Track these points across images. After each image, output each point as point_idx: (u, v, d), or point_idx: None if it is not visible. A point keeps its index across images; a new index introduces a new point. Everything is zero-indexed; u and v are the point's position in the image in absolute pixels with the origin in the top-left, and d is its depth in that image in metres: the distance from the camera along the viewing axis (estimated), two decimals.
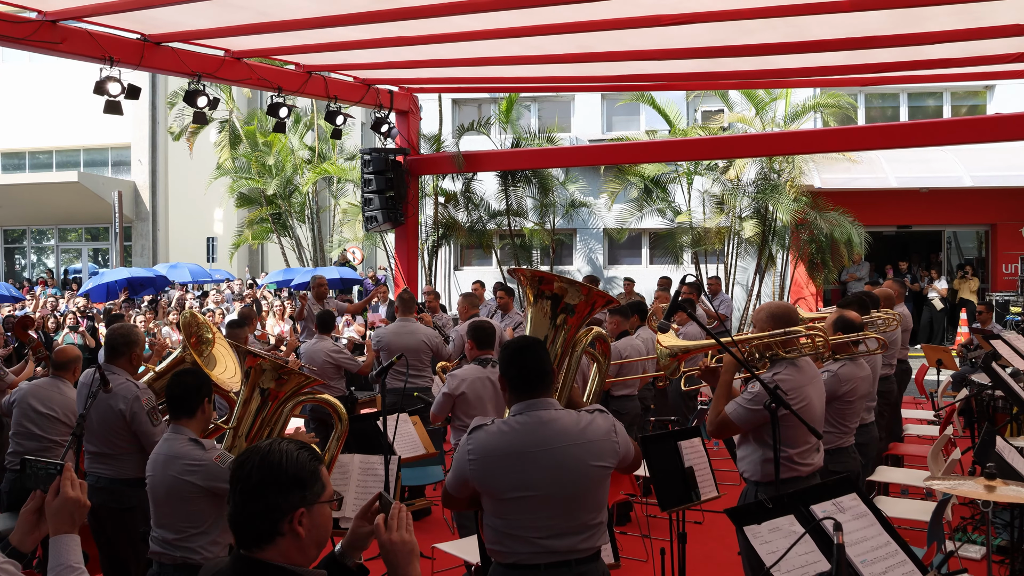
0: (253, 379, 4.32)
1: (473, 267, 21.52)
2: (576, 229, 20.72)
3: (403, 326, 8.33)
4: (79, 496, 2.32)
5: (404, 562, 2.28)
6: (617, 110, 20.62)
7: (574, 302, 3.76)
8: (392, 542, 2.28)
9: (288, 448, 2.17)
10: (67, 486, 2.32)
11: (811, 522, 2.86)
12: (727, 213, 17.72)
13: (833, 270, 17.37)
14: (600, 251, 20.82)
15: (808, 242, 17.34)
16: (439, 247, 19.04)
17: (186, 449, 3.95)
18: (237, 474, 2.15)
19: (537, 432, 3.22)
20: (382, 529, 2.30)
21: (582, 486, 3.23)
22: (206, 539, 3.94)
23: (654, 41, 9.64)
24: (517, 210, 19.15)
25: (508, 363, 3.33)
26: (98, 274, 21.74)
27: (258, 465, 2.14)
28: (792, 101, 17.02)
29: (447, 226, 18.88)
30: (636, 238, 20.59)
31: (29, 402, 5.97)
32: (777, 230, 17.57)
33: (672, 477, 4.96)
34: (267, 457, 2.15)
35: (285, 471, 2.14)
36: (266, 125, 21.11)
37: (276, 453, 2.16)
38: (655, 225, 19.30)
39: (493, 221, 19.25)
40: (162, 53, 10.44)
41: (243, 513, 2.13)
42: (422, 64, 11.37)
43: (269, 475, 2.13)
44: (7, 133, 27.67)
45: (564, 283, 3.79)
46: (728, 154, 15.67)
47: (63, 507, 2.30)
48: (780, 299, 18.17)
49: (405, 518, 2.35)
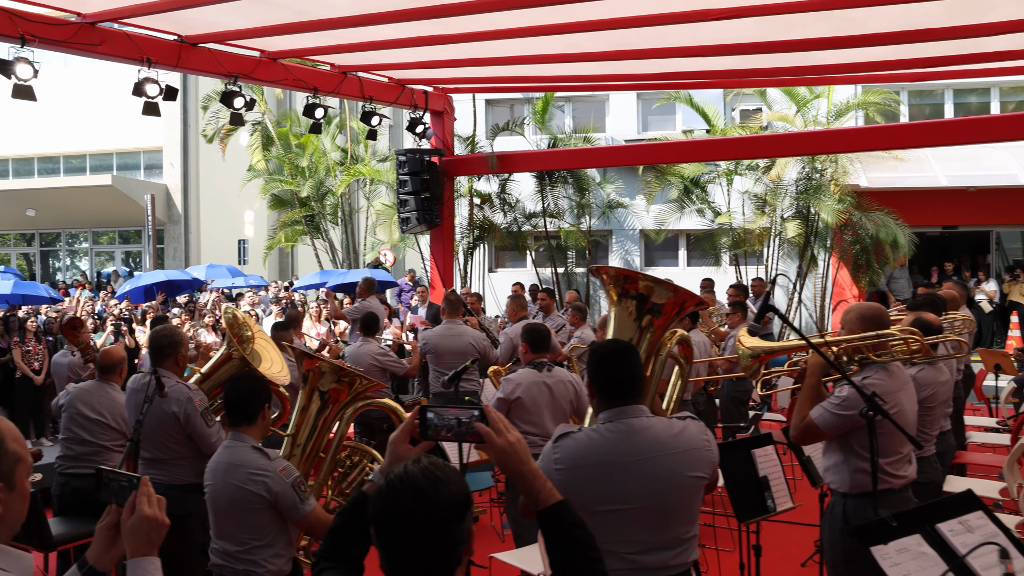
0: (312, 382, 4.12)
1: (507, 269, 21.31)
2: (612, 230, 20.45)
3: (450, 328, 8.14)
4: (156, 514, 2.10)
5: (526, 457, 2.31)
6: (652, 110, 20.33)
7: (661, 301, 3.52)
8: (510, 443, 2.29)
9: (448, 473, 2.00)
10: (143, 503, 2.10)
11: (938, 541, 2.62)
12: (768, 214, 17.39)
13: (878, 272, 16.98)
14: (636, 253, 20.54)
15: (852, 243, 16.97)
16: (474, 249, 18.84)
17: (250, 457, 3.76)
18: (406, 512, 1.93)
19: (629, 441, 3.00)
20: (493, 435, 2.28)
21: (677, 498, 3.02)
22: (270, 552, 3.75)
23: (695, 38, 9.42)
24: (553, 211, 18.91)
25: (597, 368, 3.11)
26: (134, 276, 21.76)
27: (438, 497, 1.94)
28: (834, 99, 16.68)
29: (482, 227, 18.67)
30: (673, 239, 20.30)
31: (77, 406, 5.85)
32: (819, 231, 17.22)
33: (747, 487, 4.73)
34: (435, 485, 1.95)
35: (461, 498, 1.98)
36: (298, 126, 21.04)
37: (439, 481, 1.97)
38: (693, 226, 18.99)
39: (529, 222, 19.04)
40: (198, 54, 10.38)
41: (425, 555, 1.94)
42: (456, 63, 11.22)
43: (450, 508, 1.95)
44: (42, 138, 27.85)
45: (650, 281, 3.56)
46: (769, 153, 15.36)
47: (139, 526, 2.08)
48: (822, 301, 17.85)
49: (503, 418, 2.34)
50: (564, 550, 2.30)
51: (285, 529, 3.82)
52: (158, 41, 10.02)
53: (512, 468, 2.32)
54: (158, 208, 24.94)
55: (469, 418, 2.31)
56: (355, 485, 4.30)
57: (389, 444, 2.40)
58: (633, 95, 20.24)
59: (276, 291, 19.45)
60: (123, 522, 2.10)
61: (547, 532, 2.32)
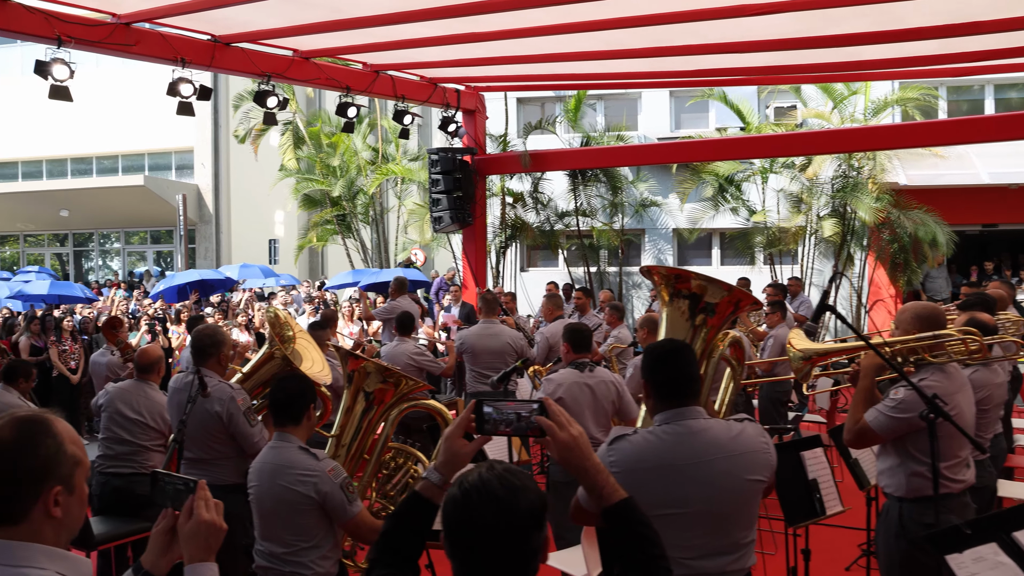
0: (357, 382, 4.07)
1: (539, 268, 21.22)
2: (645, 229, 20.31)
3: (487, 328, 8.07)
4: (215, 519, 2.05)
5: (589, 451, 2.28)
6: (685, 107, 20.17)
7: (715, 300, 3.44)
8: (573, 437, 2.24)
9: (524, 479, 1.93)
10: (201, 507, 2.05)
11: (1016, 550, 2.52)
12: (804, 212, 17.19)
13: (917, 271, 16.72)
14: (669, 252, 20.38)
15: (889, 242, 16.72)
16: (507, 248, 18.77)
17: (298, 458, 3.70)
18: (486, 523, 1.87)
19: (687, 443, 2.92)
20: (556, 429, 2.23)
21: (736, 502, 2.95)
22: (317, 553, 3.69)
23: (730, 33, 9.30)
24: (586, 210, 18.81)
25: (653, 368, 3.04)
26: (166, 276, 21.88)
27: (519, 507, 1.88)
28: (871, 96, 16.45)
29: (514, 227, 18.61)
30: (706, 238, 20.12)
31: (117, 406, 5.84)
32: (856, 230, 16.98)
33: (796, 490, 4.62)
34: (515, 494, 1.89)
35: (539, 506, 1.92)
36: (329, 126, 21.06)
37: (518, 489, 1.90)
38: (726, 225, 18.81)
39: (561, 221, 18.94)
40: (232, 54, 10.40)
41: (504, 566, 1.89)
42: (489, 62, 11.18)
43: (531, 517, 1.89)
44: (75, 139, 28.10)
45: (703, 280, 3.48)
46: (806, 151, 15.17)
47: (197, 532, 2.03)
48: (858, 301, 17.62)
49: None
50: (629, 548, 2.25)
51: (332, 530, 3.76)
52: (192, 41, 10.05)
53: (575, 463, 2.27)
54: (189, 208, 25.07)
55: (530, 412, 2.25)
56: (399, 487, 4.24)
57: (444, 440, 2.34)
58: (666, 93, 20.07)
59: (307, 290, 19.48)
60: (180, 527, 2.05)
61: (611, 530, 2.28)
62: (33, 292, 17.59)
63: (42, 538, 1.88)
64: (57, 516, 1.89)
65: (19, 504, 1.86)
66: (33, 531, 1.87)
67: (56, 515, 1.89)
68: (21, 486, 1.86)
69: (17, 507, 1.86)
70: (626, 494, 2.29)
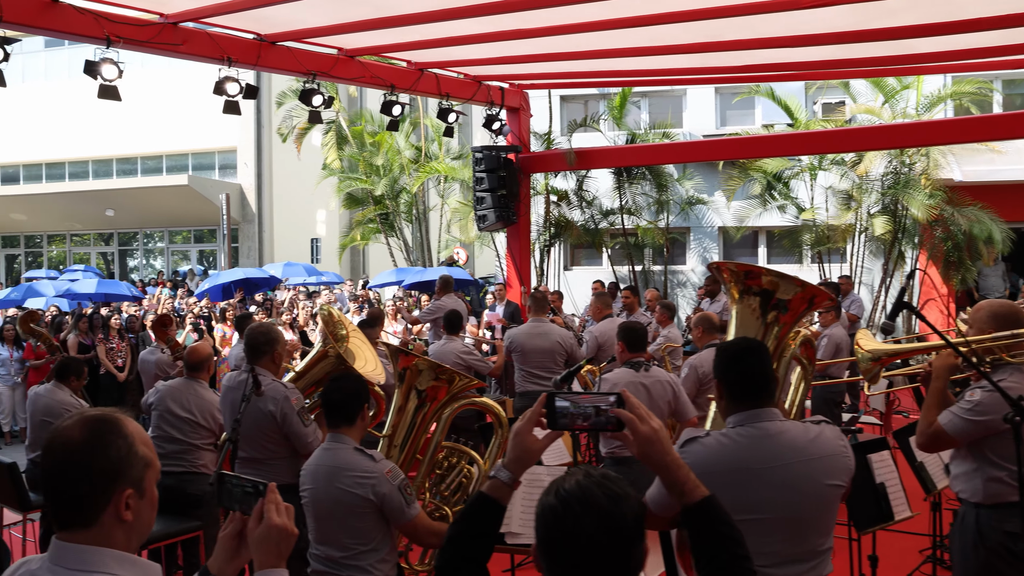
0: (409, 381, 3.97)
1: (582, 267, 21.09)
2: (690, 227, 20.10)
3: (536, 327, 7.96)
4: (286, 524, 1.96)
5: (669, 446, 2.21)
6: (731, 104, 19.92)
7: (787, 297, 3.31)
8: (654, 430, 2.16)
9: (624, 487, 1.84)
10: (271, 512, 1.96)
11: None
12: (854, 209, 16.88)
13: (971, 269, 16.32)
14: (715, 250, 20.14)
15: (943, 239, 16.35)
16: (551, 246, 18.65)
17: (355, 459, 3.61)
18: (589, 535, 1.77)
19: (764, 446, 2.80)
20: (637, 422, 2.14)
21: (814, 507, 2.82)
22: (375, 557, 3.60)
23: (780, 28, 9.10)
24: (631, 208, 18.63)
25: (727, 367, 2.91)
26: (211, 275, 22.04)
27: (624, 516, 1.79)
28: (924, 90, 16.10)
29: (558, 225, 18.48)
30: (752, 236, 19.85)
31: (167, 405, 5.83)
32: (907, 227, 16.64)
33: (864, 495, 4.48)
34: (618, 502, 1.79)
35: (641, 514, 1.83)
36: (372, 124, 21.08)
37: (620, 498, 1.81)
38: (773, 223, 18.53)
39: (606, 220, 18.78)
40: (277, 52, 10.40)
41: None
42: (533, 59, 11.09)
43: (635, 527, 1.80)
44: (120, 139, 28.44)
45: (774, 277, 3.35)
46: (857, 147, 14.83)
47: (268, 536, 1.95)
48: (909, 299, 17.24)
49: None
50: (711, 548, 2.16)
51: (390, 533, 3.68)
52: (238, 40, 10.06)
53: (656, 459, 2.18)
54: (232, 207, 25.27)
55: (608, 405, 2.14)
56: (453, 486, 4.15)
57: (513, 436, 2.23)
58: (711, 89, 19.83)
59: (351, 289, 19.51)
60: (250, 531, 1.97)
61: (693, 529, 2.18)
62: (81, 291, 17.79)
63: (112, 542, 1.81)
64: (128, 520, 1.82)
65: (90, 507, 1.80)
66: (103, 535, 1.81)
67: (127, 519, 1.82)
68: (92, 488, 1.79)
69: (88, 510, 1.80)
70: (708, 492, 2.20)
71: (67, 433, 1.82)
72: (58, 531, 1.83)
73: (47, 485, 1.82)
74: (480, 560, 2.15)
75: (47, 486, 1.82)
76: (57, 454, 1.81)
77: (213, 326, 13.45)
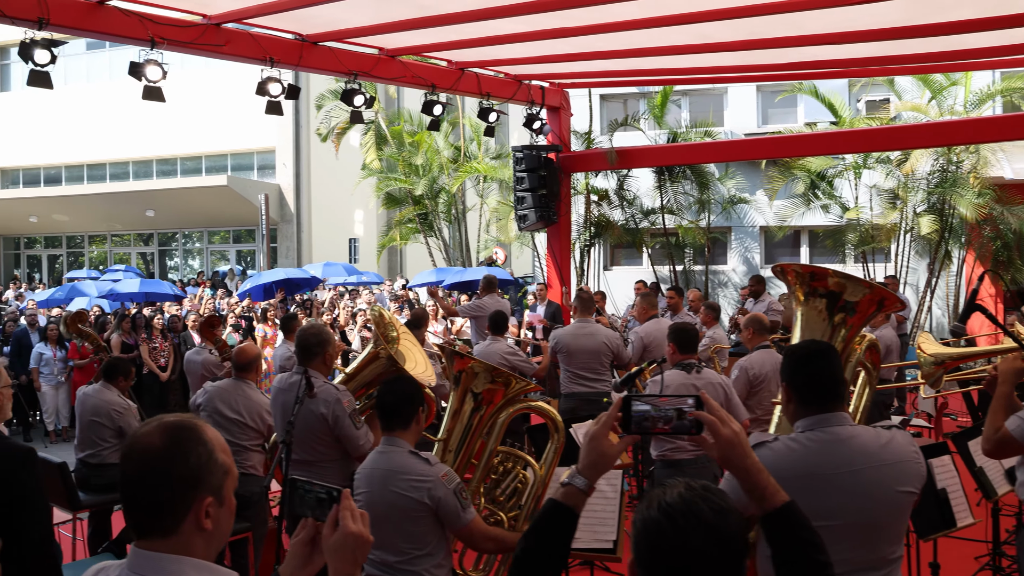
0: (464, 384, 3.91)
1: (622, 267, 20.96)
2: (731, 227, 19.91)
3: (582, 327, 7.87)
4: (362, 531, 1.91)
5: (749, 449, 2.14)
6: (772, 102, 19.70)
7: (855, 299, 3.21)
8: (735, 433, 2.11)
9: (727, 498, 1.78)
10: (348, 519, 1.90)
11: None
12: (900, 208, 16.62)
13: (1021, 269, 15.98)
14: (756, 250, 19.93)
15: (992, 239, 16.04)
16: (591, 246, 18.54)
17: (410, 463, 3.56)
18: (697, 550, 1.70)
19: (835, 451, 2.72)
20: (719, 425, 2.09)
21: (886, 514, 2.75)
22: (431, 561, 3.55)
23: (825, 24, 8.95)
24: (672, 207, 18.49)
25: (796, 369, 2.83)
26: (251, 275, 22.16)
27: (732, 531, 1.73)
28: (972, 87, 15.79)
29: (599, 224, 18.37)
30: (794, 236, 19.61)
31: (216, 405, 5.81)
32: (954, 226, 16.35)
33: (926, 501, 4.36)
34: (725, 516, 1.73)
35: (745, 525, 1.79)
36: (411, 124, 21.10)
37: (727, 511, 1.74)
38: (816, 222, 18.29)
39: (646, 219, 18.65)
40: (319, 52, 10.42)
41: None
42: (574, 57, 11.03)
43: (742, 540, 1.75)
44: (160, 141, 28.72)
45: (841, 278, 3.26)
46: (904, 145, 14.56)
47: (344, 544, 1.89)
48: (955, 301, 16.97)
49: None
50: (792, 554, 2.09)
51: (445, 537, 3.63)
52: (280, 40, 10.08)
53: (737, 462, 2.11)
54: (271, 208, 25.41)
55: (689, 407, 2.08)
56: (508, 491, 4.09)
57: (589, 441, 2.17)
58: (752, 87, 19.64)
59: (391, 289, 19.52)
60: (325, 538, 1.92)
61: (773, 535, 2.11)
62: (124, 291, 17.96)
63: (192, 551, 1.77)
64: (208, 528, 1.78)
65: (170, 515, 1.76)
66: (183, 544, 1.77)
67: (207, 527, 1.78)
68: (172, 496, 1.75)
69: (168, 518, 1.76)
70: (788, 497, 2.13)
71: (147, 440, 1.78)
72: (136, 539, 1.79)
73: (126, 492, 1.78)
74: (556, 571, 2.10)
75: (126, 493, 1.78)
76: (136, 461, 1.78)
77: (254, 326, 13.50)
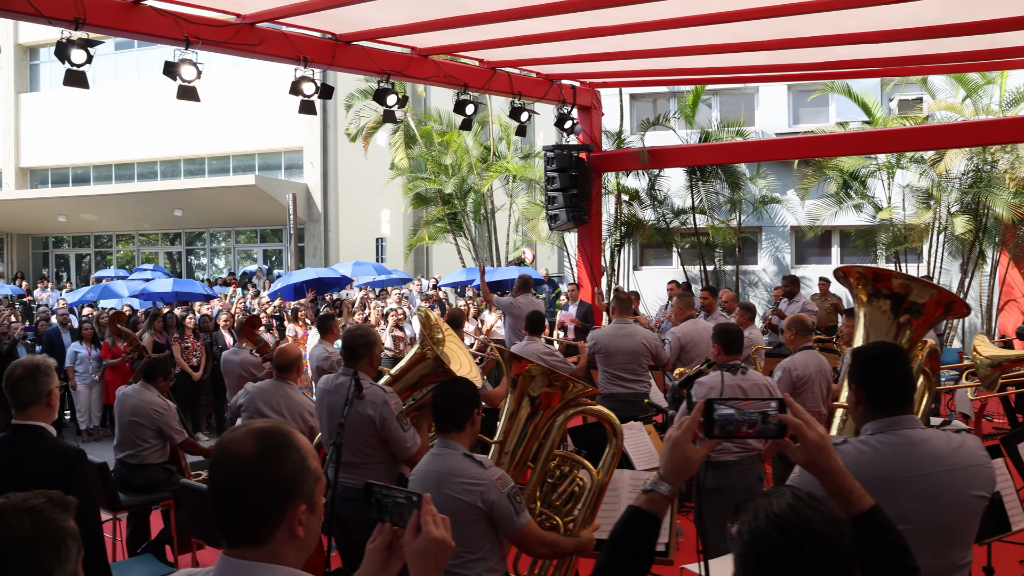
0: (521, 387, 3.88)
1: (652, 267, 20.89)
2: (762, 227, 19.78)
3: (620, 327, 7.83)
4: (444, 536, 1.88)
5: (834, 453, 2.15)
6: (804, 101, 19.57)
7: (921, 300, 3.16)
8: (821, 436, 2.12)
9: (835, 510, 1.74)
10: (429, 523, 1.88)
11: None
12: (933, 208, 16.45)
13: None
14: (787, 249, 19.79)
15: None
16: (621, 246, 18.48)
17: (464, 466, 3.54)
18: (811, 564, 1.64)
19: (906, 454, 2.68)
20: (805, 428, 2.09)
21: (958, 519, 2.71)
22: (484, 565, 3.52)
23: (859, 24, 8.86)
24: (703, 207, 18.41)
25: (865, 371, 2.79)
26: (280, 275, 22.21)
27: (845, 543, 1.68)
28: (1007, 85, 15.60)
29: (629, 224, 18.30)
30: (825, 236, 19.46)
31: (258, 406, 5.81)
32: (988, 226, 16.16)
33: None
34: (837, 527, 1.69)
35: (853, 535, 1.73)
36: (440, 124, 21.09)
37: (838, 522, 1.70)
38: (847, 222, 18.14)
39: (677, 219, 18.58)
40: (352, 52, 10.43)
41: None
42: (606, 57, 10.99)
43: (856, 552, 1.71)
44: (188, 140, 28.88)
45: (904, 280, 3.21)
46: (938, 145, 14.40)
47: (426, 550, 1.86)
48: (989, 302, 16.78)
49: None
50: (882, 558, 2.09)
51: (499, 541, 3.60)
52: (313, 40, 10.11)
53: (823, 466, 2.11)
54: (298, 207, 25.48)
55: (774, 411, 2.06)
56: (564, 496, 4.05)
57: (672, 446, 2.15)
58: (783, 87, 19.54)
59: (419, 288, 19.52)
60: (406, 544, 1.89)
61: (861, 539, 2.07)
62: (157, 290, 18.07)
63: (284, 559, 1.75)
64: (300, 536, 1.76)
65: (263, 523, 1.73)
66: (275, 552, 1.74)
67: (300, 535, 1.76)
68: (266, 505, 1.73)
69: (262, 527, 1.73)
70: (873, 500, 2.12)
71: (238, 447, 1.76)
72: (227, 546, 1.76)
73: (218, 500, 1.76)
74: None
75: (218, 501, 1.76)
76: (228, 468, 1.75)
77: (285, 326, 13.53)
